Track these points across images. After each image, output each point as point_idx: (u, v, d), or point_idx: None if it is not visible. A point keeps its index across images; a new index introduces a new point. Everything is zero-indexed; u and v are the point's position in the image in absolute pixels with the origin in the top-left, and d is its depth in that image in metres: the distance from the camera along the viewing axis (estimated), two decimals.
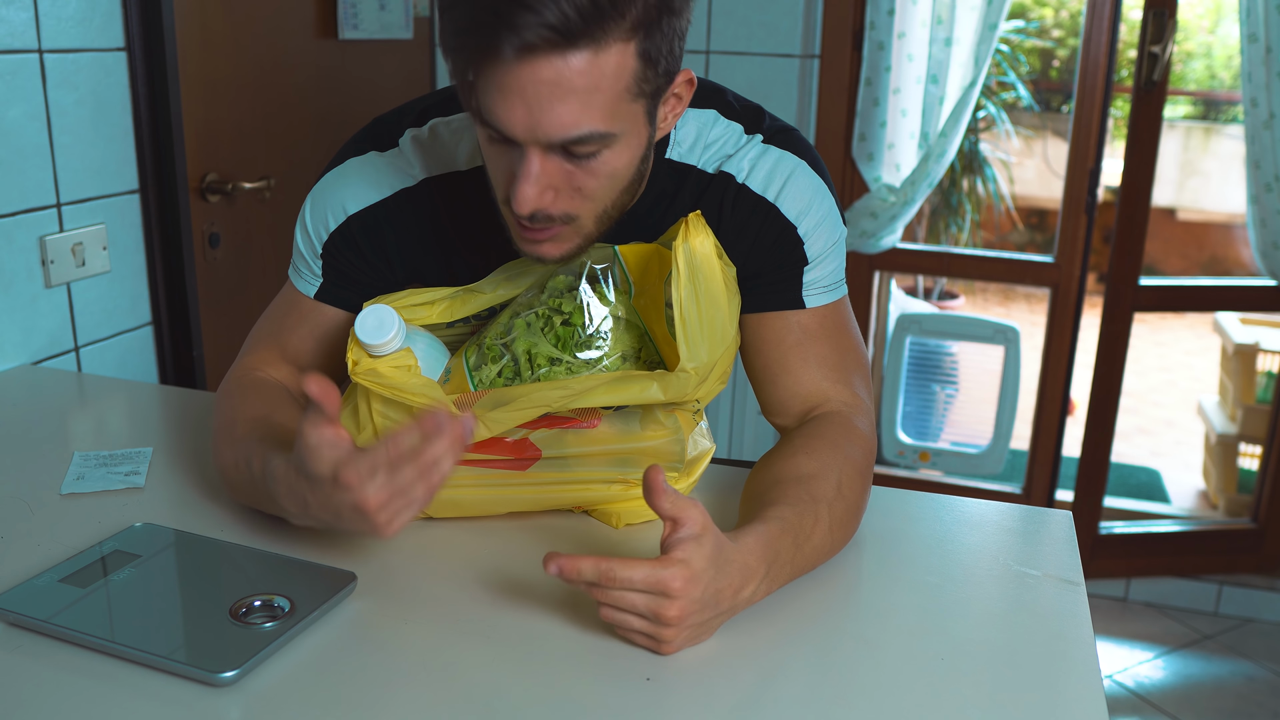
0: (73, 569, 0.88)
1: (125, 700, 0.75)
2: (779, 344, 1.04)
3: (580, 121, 0.82)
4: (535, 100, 0.81)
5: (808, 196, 1.02)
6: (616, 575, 0.78)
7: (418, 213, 1.04)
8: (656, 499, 0.80)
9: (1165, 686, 2.42)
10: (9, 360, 1.49)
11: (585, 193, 0.89)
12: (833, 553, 0.94)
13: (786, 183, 1.01)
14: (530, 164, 0.85)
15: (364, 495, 0.79)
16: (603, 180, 0.89)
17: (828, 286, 1.05)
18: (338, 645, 0.82)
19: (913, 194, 2.45)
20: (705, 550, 0.79)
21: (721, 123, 1.04)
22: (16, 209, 1.48)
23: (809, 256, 1.02)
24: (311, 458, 0.80)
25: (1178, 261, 5.94)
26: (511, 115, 0.82)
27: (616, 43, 0.81)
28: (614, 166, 0.88)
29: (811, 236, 1.02)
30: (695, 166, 1.03)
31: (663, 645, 0.81)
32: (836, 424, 1.00)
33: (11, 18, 1.44)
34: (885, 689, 0.79)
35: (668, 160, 1.02)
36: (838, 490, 0.93)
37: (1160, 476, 3.69)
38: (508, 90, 0.81)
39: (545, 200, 0.87)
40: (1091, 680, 0.80)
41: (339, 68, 2.15)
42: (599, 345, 0.97)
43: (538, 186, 0.86)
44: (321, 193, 1.06)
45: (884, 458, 2.82)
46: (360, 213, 1.04)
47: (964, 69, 2.41)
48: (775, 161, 1.02)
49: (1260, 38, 2.33)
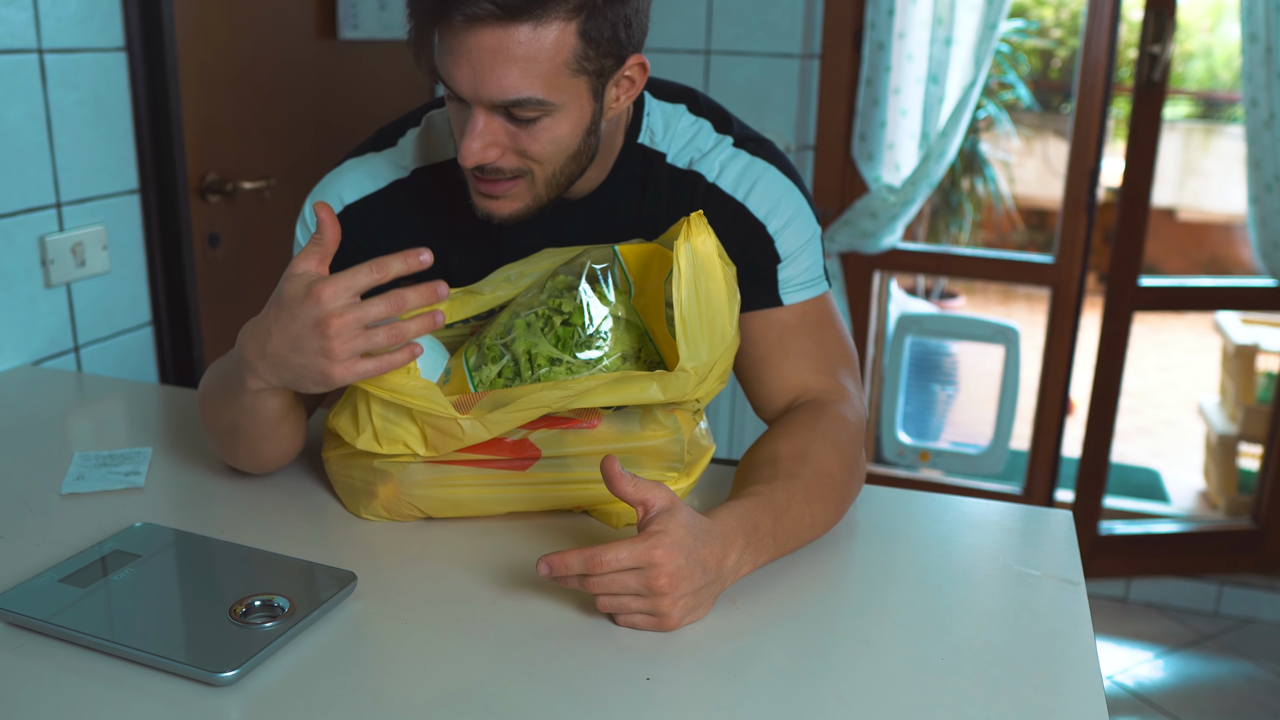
0: (73, 569, 0.88)
1: (125, 700, 0.75)
2: (761, 341, 1.07)
3: (519, 87, 0.89)
4: (479, 64, 0.89)
5: (775, 196, 1.06)
6: (602, 559, 0.81)
7: (410, 202, 1.09)
8: (619, 485, 0.83)
9: (1165, 686, 2.42)
10: (9, 360, 1.49)
11: (530, 154, 0.95)
12: (816, 528, 0.96)
13: (755, 184, 1.06)
14: (475, 121, 0.92)
15: (330, 309, 0.85)
16: (546, 145, 0.95)
17: (805, 283, 1.08)
18: (338, 645, 0.82)
19: (913, 194, 2.45)
20: (679, 519, 0.83)
21: (688, 117, 1.09)
22: (16, 209, 1.49)
23: (781, 254, 1.06)
24: (292, 282, 0.88)
25: (1178, 261, 5.94)
26: (459, 75, 0.90)
27: (557, 21, 0.88)
28: (556, 134, 0.94)
29: (782, 235, 1.06)
30: (664, 155, 1.08)
31: (665, 619, 0.83)
32: (813, 408, 1.03)
33: (11, 18, 1.44)
34: (885, 689, 0.79)
35: (639, 145, 1.08)
36: (811, 466, 0.96)
37: (1160, 476, 3.69)
38: (456, 52, 0.89)
39: (490, 155, 0.94)
40: (1091, 680, 0.80)
41: (339, 68, 2.15)
42: (599, 345, 0.97)
43: (481, 141, 0.93)
44: (320, 189, 1.10)
45: (884, 458, 2.82)
46: (356, 203, 1.08)
47: (964, 69, 2.41)
48: (745, 165, 1.07)
49: (1260, 38, 2.33)
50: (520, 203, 0.99)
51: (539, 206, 1.00)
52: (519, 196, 0.98)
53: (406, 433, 0.95)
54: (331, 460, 1.02)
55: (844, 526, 1.03)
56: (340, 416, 0.98)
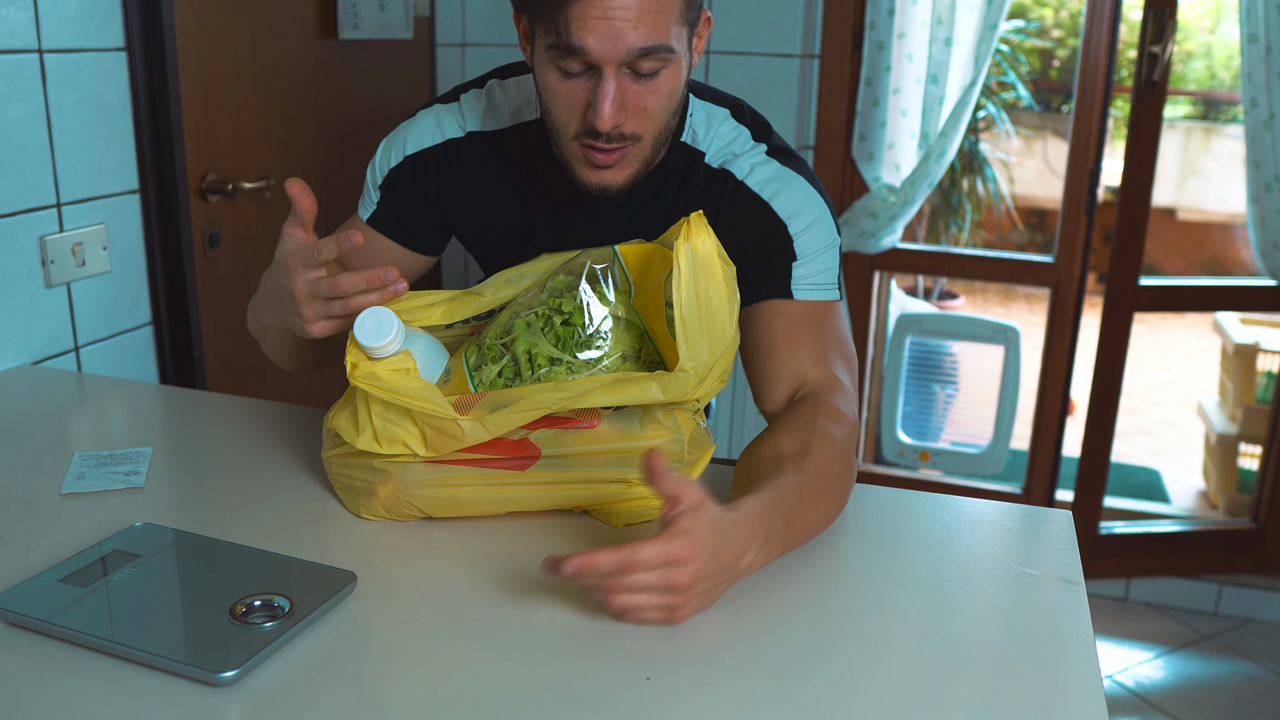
0: (73, 569, 0.88)
1: (125, 700, 0.75)
2: (768, 329, 1.11)
3: (653, 35, 0.97)
4: (619, 18, 0.96)
5: (800, 201, 1.12)
6: (638, 557, 0.79)
7: (462, 163, 1.19)
8: (658, 481, 0.83)
9: (1165, 686, 2.42)
10: (9, 360, 1.49)
11: (649, 112, 1.02)
12: (819, 526, 0.98)
13: (782, 189, 1.12)
14: (608, 84, 0.98)
15: (294, 283, 0.99)
16: (662, 98, 1.02)
17: (818, 285, 1.11)
18: (338, 645, 0.82)
19: (913, 194, 2.45)
20: (706, 519, 0.83)
21: (730, 122, 1.16)
22: (16, 209, 1.49)
23: (798, 253, 1.11)
24: (281, 243, 1.01)
25: (1178, 261, 5.94)
26: (593, 37, 0.96)
27: None
28: (672, 85, 1.02)
29: (802, 236, 1.11)
30: (703, 154, 1.15)
31: (675, 613, 0.83)
32: (812, 404, 1.05)
33: (11, 18, 1.44)
34: (885, 689, 0.79)
35: (682, 143, 1.15)
36: (814, 462, 0.98)
37: (1160, 476, 3.69)
38: (588, 18, 0.96)
39: (620, 119, 1.01)
40: (1091, 680, 0.80)
41: (339, 68, 2.15)
42: (599, 345, 0.97)
43: (615, 104, 0.99)
44: (393, 136, 1.22)
45: (884, 458, 2.82)
46: (415, 154, 1.19)
47: (964, 69, 2.41)
48: (776, 171, 1.13)
49: (1260, 38, 2.33)
50: (631, 169, 1.06)
51: (645, 171, 1.07)
52: (630, 163, 1.05)
53: (406, 433, 0.95)
54: (331, 460, 1.02)
55: (843, 526, 1.03)
56: (340, 416, 0.98)
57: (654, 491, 0.85)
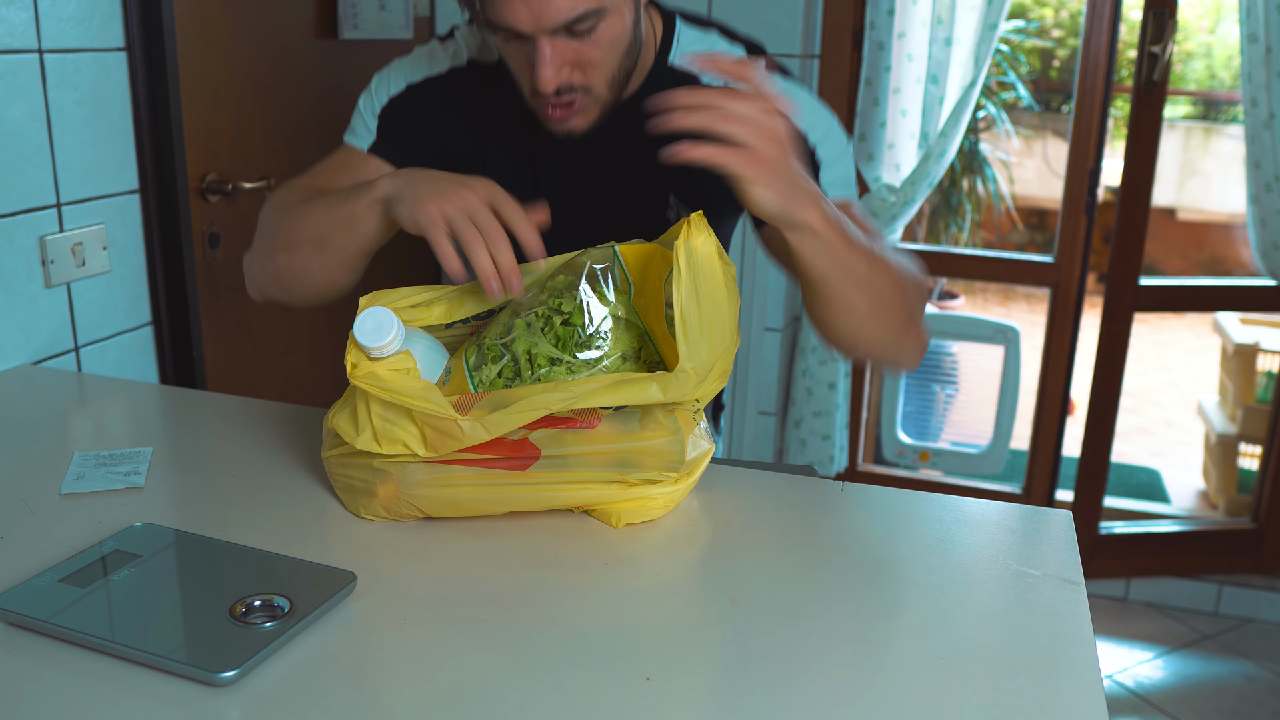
0: (73, 569, 0.88)
1: (125, 700, 0.75)
2: None
3: (574, 5, 0.98)
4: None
5: (811, 112, 1.15)
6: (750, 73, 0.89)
7: (462, 92, 1.22)
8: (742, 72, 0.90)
9: (1165, 686, 2.42)
10: (9, 360, 1.49)
11: (594, 63, 1.04)
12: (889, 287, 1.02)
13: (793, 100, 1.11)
14: (543, 50, 1.00)
15: (475, 188, 0.97)
16: (605, 48, 1.04)
17: (843, 182, 1.16)
18: (338, 645, 0.82)
19: (913, 194, 2.45)
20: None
21: (723, 42, 1.19)
22: (16, 209, 1.49)
23: (821, 161, 1.14)
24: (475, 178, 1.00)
25: (1178, 261, 5.95)
26: (518, 13, 0.98)
27: None
28: (612, 34, 1.03)
29: (821, 145, 1.14)
30: (699, 78, 1.16)
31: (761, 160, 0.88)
32: None
33: (11, 18, 1.44)
34: (885, 689, 0.79)
35: (669, 66, 1.17)
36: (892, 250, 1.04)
37: (1160, 476, 3.69)
38: None
39: (563, 76, 1.03)
40: (1091, 680, 0.80)
41: (339, 68, 2.15)
42: (599, 345, 0.97)
43: (553, 66, 1.01)
44: (389, 68, 1.23)
45: (884, 458, 2.82)
46: (418, 83, 1.21)
47: (964, 69, 2.41)
48: (783, 86, 1.13)
49: (1260, 38, 2.33)
50: (591, 113, 1.09)
51: (608, 107, 1.10)
52: (588, 109, 1.08)
53: (406, 433, 0.95)
54: (331, 460, 1.02)
55: (843, 526, 1.03)
56: (340, 416, 0.98)
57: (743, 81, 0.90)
